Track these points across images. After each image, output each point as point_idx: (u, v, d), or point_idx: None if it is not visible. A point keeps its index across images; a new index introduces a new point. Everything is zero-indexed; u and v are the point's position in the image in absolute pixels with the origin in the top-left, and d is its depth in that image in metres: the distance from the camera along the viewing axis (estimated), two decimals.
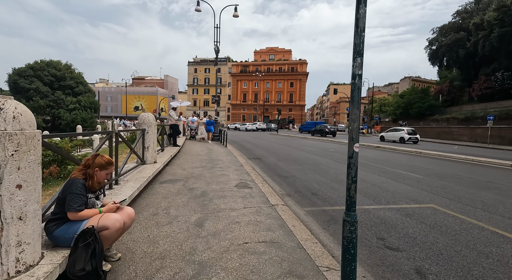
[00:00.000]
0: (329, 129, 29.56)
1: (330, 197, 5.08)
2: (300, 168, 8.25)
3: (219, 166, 7.48)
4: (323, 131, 29.74)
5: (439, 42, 42.61)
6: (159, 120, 16.78)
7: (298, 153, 12.18)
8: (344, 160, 10.20)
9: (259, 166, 8.45)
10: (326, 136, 28.56)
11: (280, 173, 7.45)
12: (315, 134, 31.57)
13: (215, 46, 15.66)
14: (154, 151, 6.01)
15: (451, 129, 28.97)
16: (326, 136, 28.59)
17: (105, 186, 2.74)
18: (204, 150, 11.12)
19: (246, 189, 5.04)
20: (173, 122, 9.56)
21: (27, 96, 46.58)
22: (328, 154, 12.06)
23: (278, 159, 10.08)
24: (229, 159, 9.01)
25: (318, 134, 30.68)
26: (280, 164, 8.89)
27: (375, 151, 14.26)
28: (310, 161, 9.84)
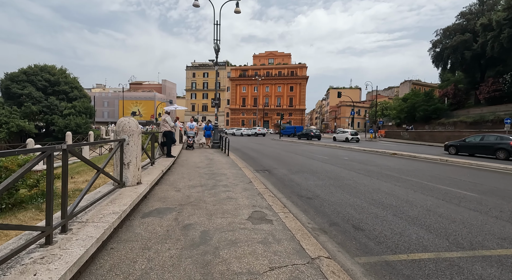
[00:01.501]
0: (314, 133, 33.14)
1: (382, 234, 3.60)
2: (321, 183, 6.77)
3: (223, 183, 5.98)
4: (309, 134, 33.07)
5: (443, 44, 41.63)
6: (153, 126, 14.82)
7: (311, 163, 10.70)
8: (367, 171, 8.75)
9: (270, 182, 6.95)
10: (312, 139, 31.88)
11: (299, 191, 5.96)
12: (301, 137, 34.35)
13: (215, 45, 14.29)
14: (138, 168, 4.52)
15: (461, 133, 27.57)
16: (311, 139, 31.90)
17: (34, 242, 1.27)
18: (203, 161, 9.61)
19: (264, 224, 3.54)
20: (168, 129, 8.11)
21: (19, 101, 45.09)
22: (345, 164, 10.59)
23: (291, 171, 8.60)
24: (234, 172, 7.51)
25: (304, 137, 33.68)
26: (295, 178, 7.40)
27: (390, 158, 12.81)
28: (329, 173, 8.35)
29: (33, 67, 48.97)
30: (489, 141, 14.20)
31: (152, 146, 6.47)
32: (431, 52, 44.49)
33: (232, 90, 76.41)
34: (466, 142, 15.32)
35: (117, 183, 4.08)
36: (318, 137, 32.74)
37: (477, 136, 15.56)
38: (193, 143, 13.76)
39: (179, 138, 13.96)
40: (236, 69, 77.00)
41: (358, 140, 29.67)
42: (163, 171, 6.07)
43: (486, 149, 14.15)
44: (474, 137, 15.48)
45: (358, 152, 15.92)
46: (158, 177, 5.54)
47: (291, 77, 74.25)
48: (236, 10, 14.28)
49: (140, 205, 4.08)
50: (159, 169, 6.17)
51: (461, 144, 15.46)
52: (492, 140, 14.17)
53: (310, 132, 33.49)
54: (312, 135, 32.39)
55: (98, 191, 3.93)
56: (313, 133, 32.70)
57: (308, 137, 32.73)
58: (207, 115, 75.37)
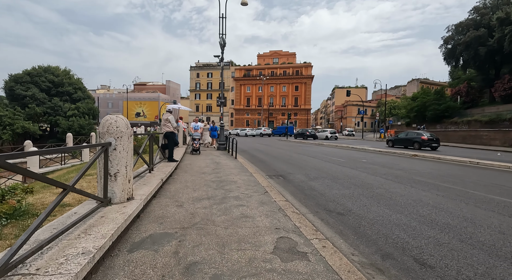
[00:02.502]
0: (310, 132, 35.53)
1: (464, 275, 2.57)
2: (348, 193, 5.74)
3: (234, 194, 5.00)
4: (304, 134, 35.37)
5: (455, 40, 40.12)
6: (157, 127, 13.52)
7: (327, 166, 9.67)
8: (395, 176, 7.69)
9: (288, 191, 5.95)
10: (307, 139, 33.97)
11: (325, 204, 4.95)
12: (297, 137, 36.49)
13: (220, 39, 13.34)
14: (128, 180, 3.55)
15: (479, 133, 26.25)
16: (307, 139, 33.97)
17: None
18: (209, 165, 8.65)
19: (298, 260, 2.55)
20: (170, 129, 7.16)
21: (23, 103, 44.87)
22: (365, 167, 9.52)
23: (308, 177, 7.58)
24: (245, 179, 6.53)
25: (300, 137, 35.76)
26: (315, 186, 6.38)
27: (413, 161, 11.69)
28: (352, 178, 7.32)
29: (37, 68, 48.78)
30: (411, 136, 19.28)
31: (151, 150, 5.52)
32: (442, 49, 42.98)
33: (236, 90, 75.58)
34: (398, 137, 20.51)
35: (100, 201, 3.12)
36: (313, 137, 34.96)
37: (404, 133, 21.14)
38: (199, 147, 11.81)
39: (182, 140, 13.00)
40: (240, 69, 76.16)
41: (336, 138, 34.16)
42: (162, 180, 5.10)
43: (409, 142, 19.11)
44: (402, 134, 21.04)
45: (374, 154, 14.81)
46: (156, 188, 4.57)
47: (296, 76, 73.12)
48: (243, 2, 13.31)
49: (130, 229, 3.11)
50: (158, 177, 5.21)
51: (395, 139, 20.53)
52: (412, 135, 19.27)
53: (305, 132, 36.33)
54: (308, 135, 34.97)
55: (74, 212, 2.97)
56: (308, 133, 35.34)
57: (303, 137, 35.15)
58: (212, 115, 74.64)
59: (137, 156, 4.48)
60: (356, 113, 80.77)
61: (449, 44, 41.51)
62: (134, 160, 4.50)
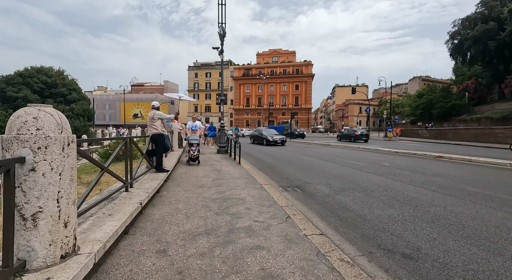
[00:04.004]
0: (299, 132, 36.51)
1: None
2: (396, 214, 4.24)
3: (244, 223, 3.50)
4: (293, 134, 36.11)
5: (462, 35, 38.70)
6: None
7: (348, 173, 8.17)
8: (439, 186, 6.22)
9: (315, 212, 4.44)
10: (296, 138, 34.70)
11: (376, 236, 3.44)
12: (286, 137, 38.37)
13: (219, 28, 11.82)
14: (65, 223, 2.03)
15: (493, 130, 24.77)
16: (296, 138, 34.70)
17: None
18: (209, 174, 7.13)
19: None
20: (157, 131, 5.64)
21: (15, 105, 43.23)
22: (393, 173, 8.03)
23: (332, 188, 6.07)
24: (255, 194, 5.02)
25: (288, 137, 36.14)
26: (348, 203, 4.88)
27: (442, 164, 10.19)
28: (390, 191, 5.81)
29: (30, 69, 47.23)
30: (350, 133, 26.99)
31: (127, 160, 3.99)
32: (448, 44, 41.56)
33: (235, 89, 74.06)
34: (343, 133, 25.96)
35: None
36: (302, 136, 35.78)
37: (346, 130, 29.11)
38: (198, 155, 8.49)
39: (178, 142, 11.44)
40: (239, 68, 74.66)
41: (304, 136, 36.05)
42: (141, 204, 3.57)
43: (349, 137, 26.40)
44: (346, 130, 28.59)
45: (392, 155, 13.32)
46: (128, 219, 3.05)
47: (296, 75, 71.65)
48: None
49: None
50: (137, 199, 3.67)
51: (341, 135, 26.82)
52: (351, 132, 26.91)
53: (294, 131, 37.11)
54: (296, 134, 35.81)
55: None
56: (297, 132, 36.29)
57: (292, 136, 35.66)
58: (211, 116, 73.14)
59: (100, 172, 2.96)
60: (358, 111, 79.39)
61: (456, 39, 40.08)
62: (97, 177, 2.98)
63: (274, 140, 19.96)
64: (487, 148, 18.58)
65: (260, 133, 21.91)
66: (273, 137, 20.21)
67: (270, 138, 20.09)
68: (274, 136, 20.33)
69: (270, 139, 20.03)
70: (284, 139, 20.43)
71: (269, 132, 21.57)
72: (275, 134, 21.16)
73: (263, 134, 21.08)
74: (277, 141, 19.89)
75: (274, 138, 20.16)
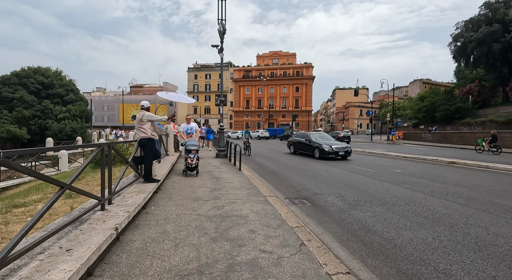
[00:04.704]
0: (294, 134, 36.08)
1: None
2: (431, 239, 3.50)
3: (248, 255, 2.75)
4: (289, 136, 35.63)
5: (465, 37, 38.17)
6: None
7: (361, 181, 7.43)
8: (467, 198, 5.50)
9: (333, 234, 3.69)
10: None
11: (420, 274, 2.69)
12: (282, 139, 37.67)
13: (219, 25, 11.13)
14: None
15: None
16: None
17: None
18: (206, 183, 6.38)
19: None
20: (146, 135, 4.88)
21: (10, 106, 42.51)
22: (410, 182, 7.30)
23: (346, 201, 5.33)
24: (259, 210, 4.28)
25: (285, 139, 36.25)
26: (369, 222, 4.14)
27: (458, 171, 9.46)
28: (412, 205, 5.07)
29: (26, 70, 46.51)
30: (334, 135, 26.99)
31: (103, 171, 3.24)
32: (451, 47, 41.05)
33: (235, 91, 73.42)
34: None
35: None
36: None
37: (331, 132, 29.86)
38: (197, 164, 7.20)
39: (174, 146, 10.68)
40: (239, 70, 74.09)
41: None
42: (117, 230, 2.81)
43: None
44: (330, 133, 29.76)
45: (401, 160, 12.59)
46: (91, 258, 2.28)
47: (296, 77, 71.10)
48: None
49: None
50: (111, 223, 2.91)
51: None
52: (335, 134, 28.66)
53: (290, 134, 36.58)
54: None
55: None
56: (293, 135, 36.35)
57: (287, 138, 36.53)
58: (210, 118, 72.46)
59: (59, 191, 2.21)
60: (358, 114, 78.77)
61: (459, 42, 39.56)
62: (51, 200, 2.22)
63: (334, 151, 12.65)
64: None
65: (307, 139, 14.68)
66: (332, 146, 12.85)
67: (326, 148, 12.78)
68: (334, 145, 13.00)
69: (326, 150, 12.72)
70: (348, 149, 13.09)
71: (323, 138, 14.70)
72: (333, 142, 13.90)
73: (313, 141, 13.98)
74: (338, 152, 12.65)
75: (333, 148, 12.77)
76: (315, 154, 13.42)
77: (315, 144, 13.61)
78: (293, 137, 17.31)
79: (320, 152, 13.03)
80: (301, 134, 16.23)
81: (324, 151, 12.76)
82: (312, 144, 13.82)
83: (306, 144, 14.54)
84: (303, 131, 21.82)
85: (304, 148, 14.70)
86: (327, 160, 12.53)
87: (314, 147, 13.62)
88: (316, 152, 13.35)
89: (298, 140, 15.63)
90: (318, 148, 13.18)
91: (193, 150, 7.10)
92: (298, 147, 15.39)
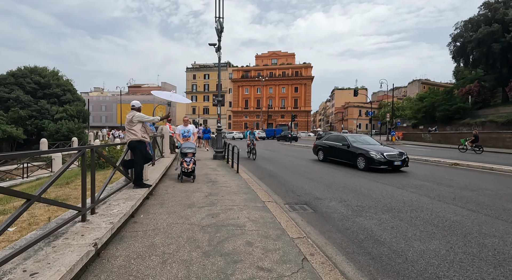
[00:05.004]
0: (291, 135, 35.72)
1: None
2: (444, 251, 3.21)
3: (246, 275, 2.45)
4: (287, 136, 36.30)
5: (465, 37, 38.02)
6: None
7: (364, 184, 7.14)
8: (476, 203, 5.23)
9: (337, 246, 3.39)
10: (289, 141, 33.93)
11: None
12: (280, 139, 38.26)
13: (217, 23, 10.83)
14: None
15: (501, 135, 23.96)
16: (289, 141, 34.04)
17: None
18: (201, 188, 6.07)
19: None
20: (137, 137, 4.57)
21: (6, 106, 42.02)
22: (415, 185, 7.02)
23: (349, 206, 5.04)
24: (257, 218, 3.97)
25: (282, 139, 37.19)
26: (375, 230, 3.84)
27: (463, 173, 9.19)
28: (419, 211, 4.79)
29: (23, 69, 45.98)
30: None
31: (84, 177, 2.93)
32: (450, 47, 40.92)
33: (234, 92, 73.10)
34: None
35: None
36: (295, 139, 35.52)
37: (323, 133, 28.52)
38: (193, 168, 6.56)
39: (169, 148, 10.35)
40: (238, 70, 73.77)
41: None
42: (96, 245, 2.49)
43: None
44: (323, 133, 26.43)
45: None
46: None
47: (295, 77, 70.87)
48: None
49: None
50: (90, 237, 2.58)
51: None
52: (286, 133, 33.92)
53: (287, 134, 36.97)
54: (290, 137, 35.24)
55: None
56: (290, 135, 35.63)
57: (286, 139, 36.10)
58: (209, 118, 72.11)
59: (24, 204, 1.90)
60: (358, 114, 78.63)
61: (458, 42, 39.42)
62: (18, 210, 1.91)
63: (388, 159, 9.27)
64: (496, 153, 17.65)
65: (345, 143, 10.95)
66: (384, 154, 9.42)
67: (376, 156, 9.37)
68: (387, 152, 9.54)
69: (376, 158, 9.33)
70: (406, 157, 9.75)
71: (365, 142, 10.96)
72: (383, 148, 10.15)
73: (353, 146, 10.48)
74: (393, 162, 9.30)
75: (386, 155, 9.36)
76: (358, 163, 9.85)
77: (357, 150, 10.07)
78: (321, 140, 13.53)
79: (367, 161, 9.47)
80: (334, 136, 12.54)
81: (373, 160, 9.25)
82: (353, 151, 10.25)
83: (342, 149, 10.91)
84: (337, 133, 16.63)
85: (340, 155, 11.13)
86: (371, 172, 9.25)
87: (356, 154, 10.03)
88: (360, 161, 9.78)
89: (330, 144, 11.91)
90: (364, 156, 9.60)
91: (190, 153, 6.49)
92: (330, 153, 11.82)
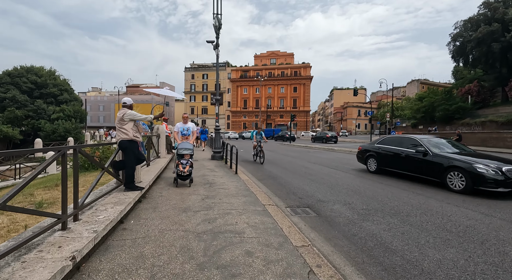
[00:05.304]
0: (289, 135, 35.53)
1: None
2: (461, 259, 2.93)
3: None
4: (284, 136, 37.23)
5: (464, 37, 37.87)
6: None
7: (368, 186, 6.87)
8: (487, 206, 4.93)
9: (345, 255, 3.10)
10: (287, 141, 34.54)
11: None
12: (277, 139, 39.10)
13: (214, 20, 10.53)
14: None
15: (501, 135, 23.76)
16: (287, 141, 34.54)
17: None
18: (198, 190, 5.77)
19: None
20: (128, 137, 4.28)
21: (2, 106, 41.56)
22: (421, 186, 6.73)
23: (355, 210, 4.76)
24: (257, 223, 3.67)
25: (280, 139, 38.10)
26: (386, 238, 3.56)
27: None
28: (429, 215, 4.51)
29: (19, 69, 45.49)
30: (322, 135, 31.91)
31: (65, 181, 2.63)
32: (450, 46, 40.76)
33: (233, 91, 72.76)
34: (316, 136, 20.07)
35: None
36: (292, 139, 35.81)
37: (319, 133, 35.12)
38: (190, 171, 6.00)
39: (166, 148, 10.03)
40: (237, 70, 73.45)
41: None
42: (74, 259, 2.18)
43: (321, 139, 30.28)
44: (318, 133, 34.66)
45: None
46: None
47: (294, 77, 70.62)
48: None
49: None
50: (67, 250, 2.27)
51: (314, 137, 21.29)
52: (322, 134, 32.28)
53: (285, 134, 37.91)
54: (287, 137, 35.74)
55: None
56: (287, 135, 36.12)
57: (283, 139, 36.99)
58: (208, 118, 71.76)
59: None
60: (357, 114, 78.51)
61: (458, 41, 39.27)
62: None
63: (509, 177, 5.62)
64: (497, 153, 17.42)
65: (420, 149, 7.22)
66: (503, 168, 5.72)
67: (485, 170, 5.75)
68: (506, 167, 5.79)
69: (487, 174, 5.72)
70: None
71: (450, 147, 7.46)
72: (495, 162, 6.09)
73: (437, 154, 6.88)
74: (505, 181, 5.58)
75: (506, 171, 5.68)
76: (450, 181, 6.33)
77: (447, 160, 6.51)
78: (375, 143, 9.15)
79: (470, 178, 5.91)
80: (396, 139, 8.66)
81: (483, 178, 5.73)
82: (438, 161, 6.71)
83: (414, 158, 7.34)
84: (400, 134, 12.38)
85: (409, 166, 7.55)
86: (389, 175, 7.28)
87: (444, 167, 6.49)
88: (454, 179, 6.25)
89: (389, 150, 8.29)
90: (463, 171, 6.07)
91: (186, 155, 5.98)
92: (390, 163, 8.24)
